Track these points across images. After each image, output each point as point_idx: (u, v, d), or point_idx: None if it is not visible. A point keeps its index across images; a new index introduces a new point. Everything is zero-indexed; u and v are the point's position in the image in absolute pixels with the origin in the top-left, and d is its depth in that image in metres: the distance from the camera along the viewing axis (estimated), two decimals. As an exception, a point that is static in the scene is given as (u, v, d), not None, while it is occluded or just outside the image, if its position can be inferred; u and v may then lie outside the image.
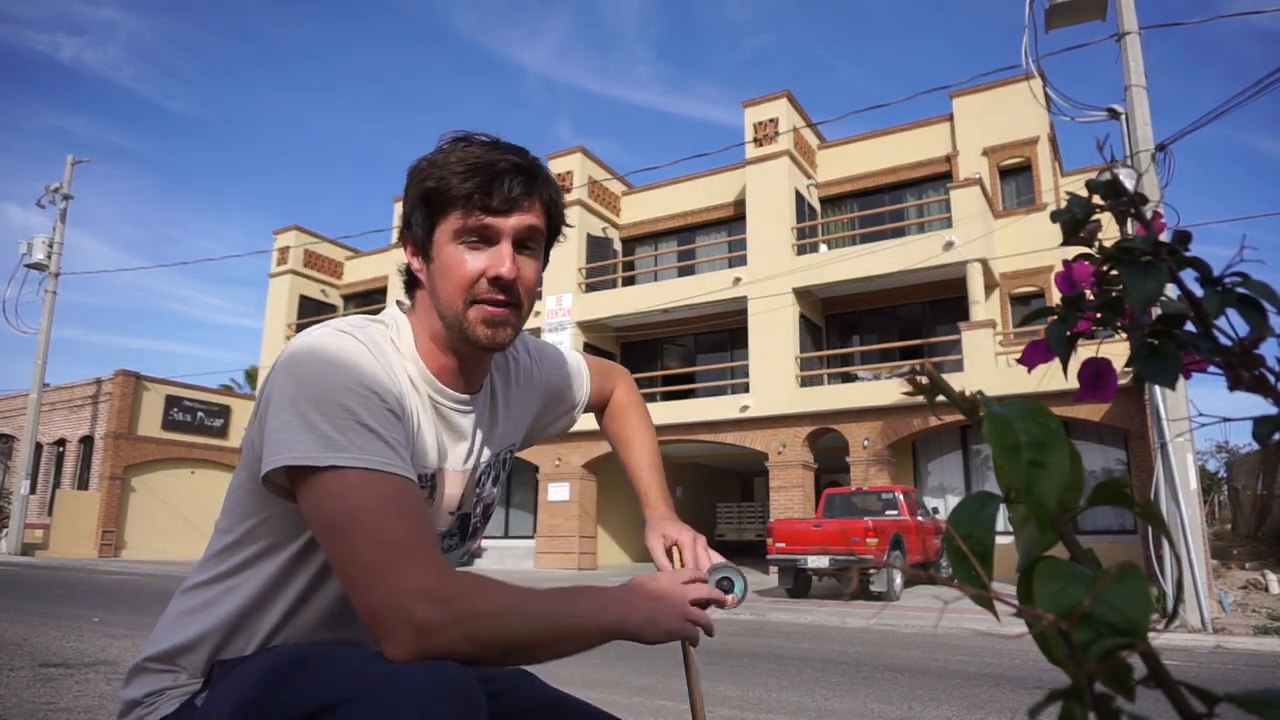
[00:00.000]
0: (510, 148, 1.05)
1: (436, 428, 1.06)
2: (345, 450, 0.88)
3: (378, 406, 0.93)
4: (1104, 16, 9.42)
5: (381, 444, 0.90)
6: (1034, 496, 0.45)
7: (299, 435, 0.88)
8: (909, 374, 0.57)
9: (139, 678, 1.00)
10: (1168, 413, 8.52)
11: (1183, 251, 0.51)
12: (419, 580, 0.84)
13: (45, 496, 23.11)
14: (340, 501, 0.87)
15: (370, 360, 0.95)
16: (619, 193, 21.62)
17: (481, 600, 0.86)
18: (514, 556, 19.51)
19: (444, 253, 1.02)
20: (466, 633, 0.84)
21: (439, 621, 0.83)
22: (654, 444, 1.41)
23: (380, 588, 0.84)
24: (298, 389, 0.90)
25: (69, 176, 21.64)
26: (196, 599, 1.02)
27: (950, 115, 17.75)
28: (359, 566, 0.85)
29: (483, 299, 1.02)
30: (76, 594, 9.80)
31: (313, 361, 0.92)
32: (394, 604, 0.83)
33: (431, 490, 1.05)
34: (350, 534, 0.86)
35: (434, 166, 1.02)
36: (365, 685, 0.78)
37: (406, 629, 0.83)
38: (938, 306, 17.31)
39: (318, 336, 0.96)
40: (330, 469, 0.87)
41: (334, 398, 0.90)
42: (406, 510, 0.89)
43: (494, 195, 1.00)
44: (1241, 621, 8.53)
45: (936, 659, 6.00)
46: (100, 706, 3.55)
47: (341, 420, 0.89)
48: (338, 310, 25.64)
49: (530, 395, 1.26)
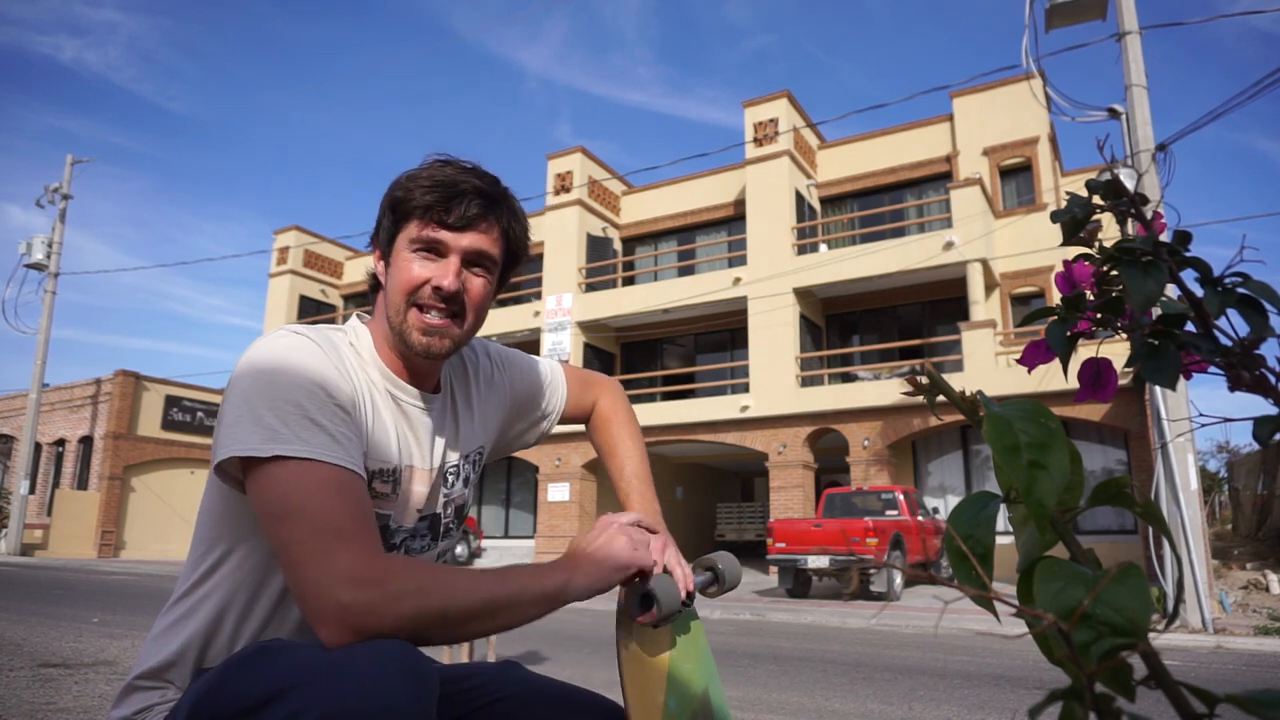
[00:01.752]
0: (483, 174, 1.10)
1: (398, 425, 1.09)
2: (289, 442, 0.91)
3: (324, 401, 0.96)
4: (1104, 16, 9.43)
5: (326, 437, 0.93)
6: (1034, 497, 0.45)
7: (247, 429, 0.91)
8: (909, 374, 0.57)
9: (130, 696, 1.01)
10: (1168, 413, 8.52)
11: (1183, 252, 0.51)
12: (348, 565, 0.86)
13: (45, 497, 23.11)
14: (280, 488, 0.90)
15: (320, 358, 0.99)
16: (619, 193, 21.62)
17: (407, 578, 0.88)
18: (514, 557, 19.51)
19: (399, 259, 1.08)
20: (397, 612, 0.86)
21: (367, 603, 0.85)
22: (641, 452, 1.39)
23: (311, 572, 0.86)
24: (250, 386, 0.94)
25: (68, 176, 21.64)
26: (178, 611, 1.03)
27: (950, 115, 17.75)
28: (294, 551, 0.88)
29: (423, 304, 1.06)
30: (76, 594, 9.80)
31: (265, 361, 0.96)
32: (325, 587, 0.85)
33: (395, 485, 1.07)
34: (287, 520, 0.89)
35: (407, 179, 1.07)
36: (314, 668, 0.79)
37: (334, 612, 0.85)
38: (938, 306, 17.31)
39: (273, 338, 1.00)
40: (274, 459, 0.90)
41: (282, 394, 0.94)
42: (344, 498, 0.91)
43: (451, 212, 1.05)
44: (1242, 622, 8.53)
45: (936, 659, 5.99)
46: (100, 707, 3.55)
47: (288, 414, 0.93)
48: (337, 310, 25.66)
49: (494, 399, 1.27)
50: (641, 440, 1.42)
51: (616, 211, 21.49)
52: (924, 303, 17.50)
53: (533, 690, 1.15)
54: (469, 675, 1.14)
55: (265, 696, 0.79)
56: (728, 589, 1.22)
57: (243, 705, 0.80)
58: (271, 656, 0.84)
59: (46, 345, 20.94)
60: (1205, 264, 0.51)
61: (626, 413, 1.44)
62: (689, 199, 20.52)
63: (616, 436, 1.40)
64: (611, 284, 20.20)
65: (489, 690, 1.13)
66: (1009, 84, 16.21)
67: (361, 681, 0.77)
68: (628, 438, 1.40)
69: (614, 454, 1.38)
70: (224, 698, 0.83)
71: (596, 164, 20.79)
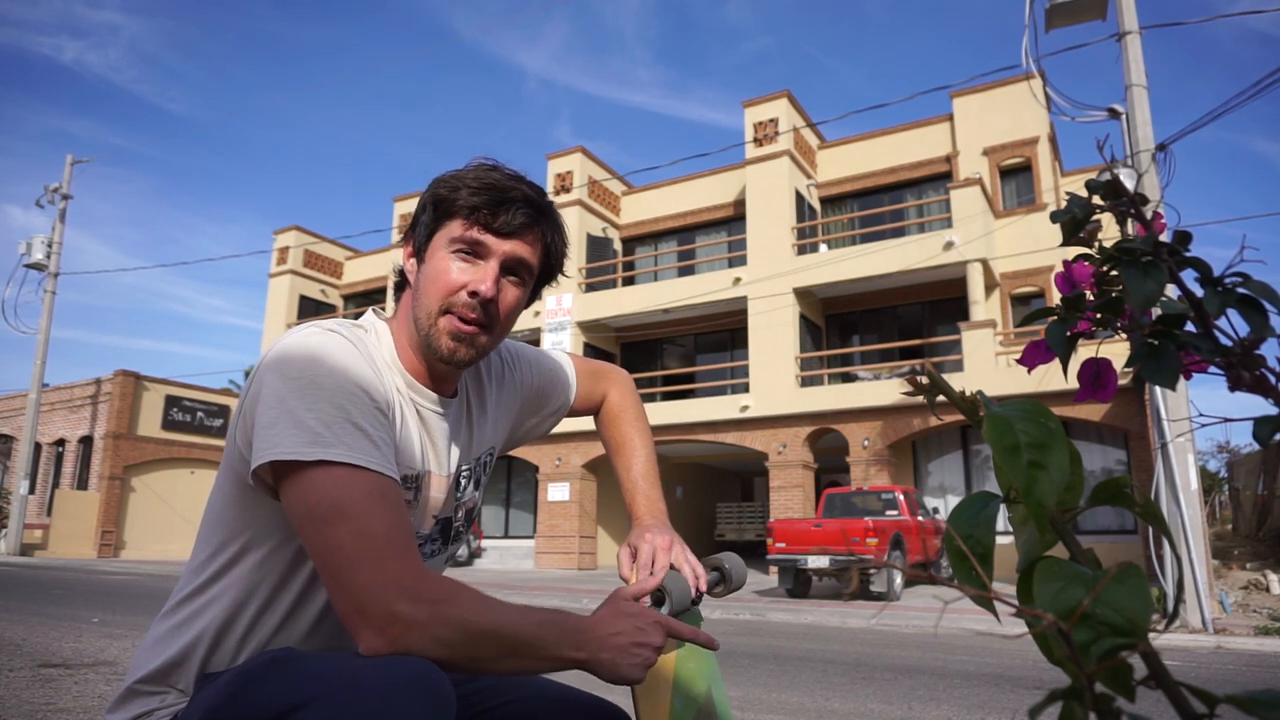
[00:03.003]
0: (531, 183, 1.08)
1: (420, 431, 1.07)
2: (333, 446, 0.88)
3: (366, 405, 0.93)
4: (1104, 16, 9.43)
5: (369, 442, 0.91)
6: (1034, 497, 0.45)
7: (287, 432, 0.88)
8: (909, 374, 0.57)
9: (128, 702, 0.99)
10: (1168, 413, 8.52)
11: (1183, 252, 0.51)
12: (400, 575, 0.85)
13: (44, 497, 23.11)
14: (326, 494, 0.87)
15: (358, 359, 0.96)
16: (619, 193, 21.62)
17: (459, 607, 0.87)
18: (514, 556, 19.51)
19: (435, 257, 1.05)
20: (440, 636, 0.85)
21: (416, 619, 0.84)
22: (648, 449, 1.37)
23: (362, 577, 0.84)
24: (285, 386, 0.91)
25: (68, 176, 21.65)
26: (181, 614, 1.00)
27: (950, 115, 17.75)
28: (342, 555, 0.85)
29: (457, 310, 1.03)
30: (76, 594, 9.80)
31: (301, 359, 0.93)
32: (375, 594, 0.84)
33: (416, 492, 1.06)
34: (335, 524, 0.86)
35: (453, 178, 1.05)
36: (331, 683, 0.78)
37: (385, 620, 0.84)
38: (938, 306, 17.31)
39: (306, 335, 0.96)
40: (318, 464, 0.87)
41: (323, 395, 0.90)
42: (390, 507, 0.89)
43: (498, 216, 1.03)
44: (1242, 622, 8.53)
45: (936, 659, 5.99)
46: (99, 707, 3.54)
47: (330, 417, 0.90)
48: (337, 310, 25.65)
49: (508, 397, 1.26)
50: (649, 436, 1.40)
51: (616, 211, 21.49)
52: (924, 303, 17.50)
53: (538, 694, 1.15)
54: (476, 677, 1.14)
55: (286, 708, 0.78)
56: (734, 589, 1.22)
57: (263, 717, 0.79)
58: (291, 667, 0.83)
59: (46, 345, 20.95)
60: (1205, 264, 0.51)
61: (635, 408, 1.42)
62: (689, 199, 20.52)
63: (625, 434, 1.38)
64: (611, 284, 20.21)
65: (495, 694, 1.12)
66: (1009, 84, 16.21)
67: (383, 698, 0.76)
68: (635, 435, 1.38)
69: (621, 451, 1.37)
70: (243, 708, 0.81)
71: (596, 164, 20.79)
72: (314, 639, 1.02)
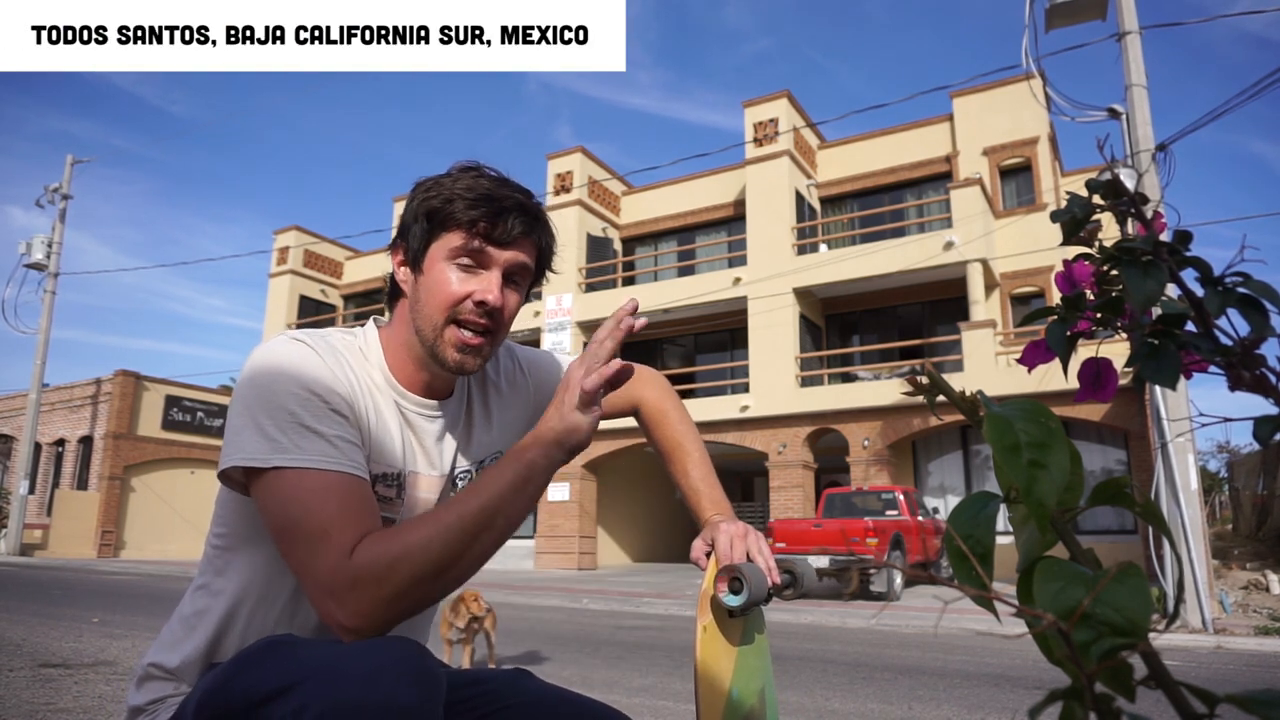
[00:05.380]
0: (517, 187, 1.10)
1: (403, 431, 1.09)
2: (288, 451, 0.93)
3: (319, 407, 0.97)
4: (1104, 16, 9.43)
5: (324, 443, 0.95)
6: (1034, 497, 0.45)
7: (250, 437, 0.94)
8: (909, 374, 0.57)
9: (146, 684, 1.04)
10: (1168, 413, 8.52)
11: (1183, 251, 0.51)
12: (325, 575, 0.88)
13: (44, 497, 23.10)
14: (278, 498, 0.92)
15: (313, 361, 1.00)
16: (619, 193, 21.62)
17: (375, 564, 0.88)
18: (514, 556, 19.50)
19: (435, 269, 1.06)
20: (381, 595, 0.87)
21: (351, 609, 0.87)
22: (700, 449, 1.36)
23: (306, 583, 0.90)
24: (250, 394, 0.97)
25: (68, 176, 21.64)
26: (193, 605, 1.05)
27: (950, 115, 17.75)
28: (299, 550, 0.90)
29: (464, 320, 1.05)
30: (76, 594, 9.80)
31: (263, 368, 0.98)
32: (315, 599, 0.89)
33: (400, 490, 1.07)
34: (286, 530, 0.91)
35: (443, 188, 1.06)
36: (319, 665, 0.81)
37: (331, 619, 0.88)
38: (938, 306, 17.31)
39: (271, 344, 1.01)
40: (274, 469, 0.93)
41: (278, 401, 0.96)
42: (334, 500, 0.92)
43: (497, 227, 1.05)
44: (1242, 622, 8.53)
45: (936, 659, 5.99)
46: (99, 707, 3.54)
47: (285, 423, 0.95)
48: (337, 310, 25.66)
49: (518, 400, 1.26)
50: (697, 433, 1.39)
51: (616, 211, 21.49)
52: (924, 303, 17.50)
53: (542, 699, 1.15)
54: (479, 681, 1.15)
55: (272, 691, 0.81)
56: (800, 595, 1.22)
57: (250, 699, 0.82)
58: (279, 651, 0.86)
59: (46, 345, 20.94)
60: (1205, 264, 0.51)
61: (677, 408, 1.40)
62: (689, 199, 20.52)
63: (673, 438, 1.37)
64: (611, 284, 20.21)
65: (499, 697, 1.13)
66: (1009, 84, 16.20)
67: (365, 678, 0.79)
68: (684, 437, 1.37)
69: (674, 457, 1.36)
70: (232, 691, 0.85)
71: (596, 164, 20.79)
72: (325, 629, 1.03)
